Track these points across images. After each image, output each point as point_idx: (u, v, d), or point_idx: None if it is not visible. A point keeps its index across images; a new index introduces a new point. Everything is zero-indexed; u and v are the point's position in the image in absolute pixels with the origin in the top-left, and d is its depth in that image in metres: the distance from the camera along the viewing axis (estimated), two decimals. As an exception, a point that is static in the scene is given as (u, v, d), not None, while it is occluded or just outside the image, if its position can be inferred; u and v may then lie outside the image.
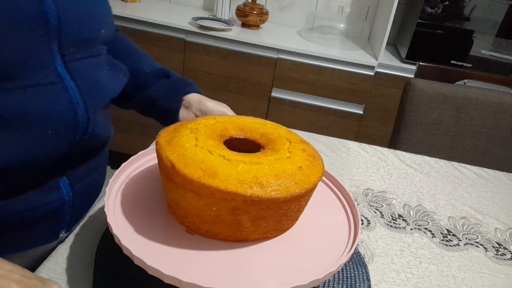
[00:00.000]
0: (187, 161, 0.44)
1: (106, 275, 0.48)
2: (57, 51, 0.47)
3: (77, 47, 0.50)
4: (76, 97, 0.49)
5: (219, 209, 0.44)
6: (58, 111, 0.47)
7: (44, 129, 0.46)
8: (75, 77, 0.49)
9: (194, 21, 1.81)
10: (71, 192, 0.55)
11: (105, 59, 0.58)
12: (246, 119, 0.56)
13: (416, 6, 1.78)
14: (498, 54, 1.78)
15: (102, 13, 0.55)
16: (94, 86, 0.53)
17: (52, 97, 0.47)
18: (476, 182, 0.87)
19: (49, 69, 0.47)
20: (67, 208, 0.56)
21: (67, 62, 0.49)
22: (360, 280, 0.54)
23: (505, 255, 0.66)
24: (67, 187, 0.54)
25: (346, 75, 1.76)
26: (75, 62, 0.50)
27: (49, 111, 0.46)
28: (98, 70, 0.55)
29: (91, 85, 0.52)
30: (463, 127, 1.17)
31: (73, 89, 0.49)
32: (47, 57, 0.46)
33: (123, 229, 0.46)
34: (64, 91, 0.48)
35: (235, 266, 0.44)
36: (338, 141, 0.94)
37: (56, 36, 0.46)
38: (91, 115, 0.51)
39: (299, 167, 0.46)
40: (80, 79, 0.50)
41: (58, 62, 0.47)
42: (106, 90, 0.56)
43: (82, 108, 0.50)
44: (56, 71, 0.47)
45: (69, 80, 0.49)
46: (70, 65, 0.49)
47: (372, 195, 0.76)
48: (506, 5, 1.69)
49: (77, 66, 0.50)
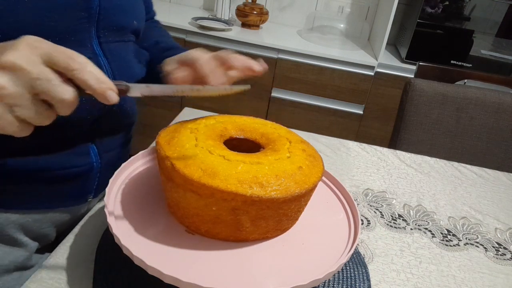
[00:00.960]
0: (187, 161, 0.44)
1: (106, 275, 0.48)
2: (95, 33, 0.55)
3: (111, 32, 0.58)
4: (108, 72, 0.57)
5: (219, 209, 0.44)
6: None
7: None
8: (107, 56, 0.57)
9: (194, 21, 1.81)
10: (100, 159, 0.61)
11: (132, 46, 0.65)
12: (246, 119, 0.57)
13: (416, 6, 1.78)
14: (498, 54, 1.78)
15: (136, 7, 0.64)
16: (123, 65, 0.61)
17: None
18: (476, 182, 0.87)
19: (86, 47, 0.54)
20: (95, 174, 0.61)
21: (102, 43, 0.57)
22: (360, 280, 0.54)
23: (505, 255, 0.66)
24: (96, 155, 0.60)
25: (346, 75, 1.76)
26: (108, 44, 0.58)
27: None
28: (126, 54, 0.63)
29: (120, 64, 0.60)
30: (463, 127, 1.17)
31: (106, 65, 0.57)
32: (86, 36, 0.54)
33: (123, 229, 0.46)
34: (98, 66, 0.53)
35: (235, 266, 0.44)
36: (338, 141, 0.94)
37: (95, 21, 0.54)
38: None
39: (299, 167, 0.46)
40: (111, 58, 0.58)
41: (94, 42, 0.55)
42: (134, 71, 0.64)
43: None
44: (92, 48, 0.55)
45: (102, 58, 0.57)
46: (104, 45, 0.57)
47: (372, 195, 0.76)
48: (506, 5, 1.69)
49: (110, 47, 0.58)
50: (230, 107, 1.82)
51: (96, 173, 0.62)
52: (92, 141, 0.60)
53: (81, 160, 0.59)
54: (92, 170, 0.61)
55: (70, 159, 0.58)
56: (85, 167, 0.60)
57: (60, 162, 0.57)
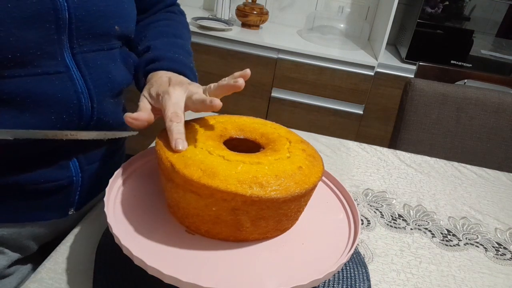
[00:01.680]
0: (187, 161, 0.44)
1: (106, 275, 0.48)
2: (67, 43, 0.50)
3: (87, 41, 0.53)
4: (81, 86, 0.53)
5: (219, 209, 0.44)
6: (62, 98, 0.51)
7: (49, 113, 0.50)
8: (81, 68, 0.53)
9: (194, 21, 1.81)
10: (80, 173, 0.58)
11: (118, 52, 0.60)
12: (246, 119, 0.56)
13: (416, 6, 1.78)
14: (498, 54, 1.78)
15: (119, 10, 0.57)
16: (102, 77, 0.56)
17: (58, 85, 0.50)
18: (476, 182, 0.87)
19: (57, 60, 0.50)
20: (76, 187, 0.59)
21: (75, 54, 0.52)
22: (360, 280, 0.54)
23: (505, 255, 0.66)
24: (77, 168, 0.58)
25: (346, 75, 1.76)
26: (84, 54, 0.53)
27: (54, 97, 0.50)
28: (107, 62, 0.57)
29: (99, 75, 0.55)
30: (463, 127, 1.17)
31: (79, 79, 0.52)
32: (56, 48, 0.50)
33: (123, 229, 0.46)
34: (70, 80, 0.51)
35: (235, 266, 0.44)
36: (338, 141, 0.94)
37: (66, 31, 0.50)
38: (96, 104, 0.55)
39: (299, 167, 0.46)
40: (87, 70, 0.53)
41: (66, 53, 0.51)
42: (115, 81, 0.59)
43: (86, 97, 0.53)
44: (64, 61, 0.51)
45: (75, 71, 0.52)
46: (78, 56, 0.52)
47: (372, 195, 0.76)
48: (506, 5, 1.69)
49: (86, 57, 0.53)
50: (230, 107, 1.82)
51: (77, 186, 0.59)
52: (73, 154, 0.57)
53: (60, 174, 0.56)
54: (72, 184, 0.58)
55: (49, 173, 0.55)
56: (64, 181, 0.57)
57: (38, 176, 0.54)
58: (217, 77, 1.81)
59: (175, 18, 0.73)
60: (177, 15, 0.74)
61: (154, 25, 0.69)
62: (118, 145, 0.67)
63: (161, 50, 0.62)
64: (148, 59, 0.61)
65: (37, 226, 0.59)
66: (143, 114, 0.49)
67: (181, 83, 0.52)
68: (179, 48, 0.65)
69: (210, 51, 1.79)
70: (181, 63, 0.61)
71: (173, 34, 0.68)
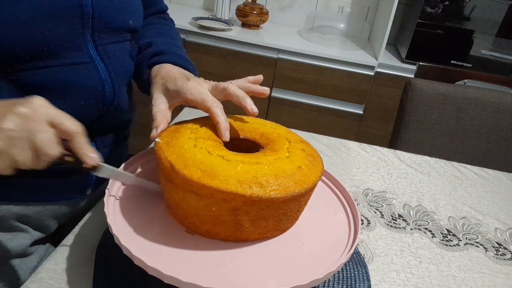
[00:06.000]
0: (187, 161, 0.44)
1: (106, 275, 0.48)
2: (90, 36, 0.55)
3: (106, 34, 0.58)
4: (105, 75, 0.58)
5: (219, 210, 0.44)
6: (90, 86, 0.56)
7: (78, 99, 0.55)
8: (104, 58, 0.58)
9: (194, 21, 1.81)
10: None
11: (129, 44, 0.66)
12: (245, 119, 0.57)
13: (416, 6, 1.78)
14: (498, 54, 1.78)
15: (131, 6, 0.63)
16: (119, 66, 0.61)
17: (85, 74, 0.55)
18: (476, 182, 0.87)
19: (83, 51, 0.55)
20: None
21: (97, 45, 0.57)
22: (360, 280, 0.54)
23: (505, 255, 0.66)
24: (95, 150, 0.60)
25: (346, 75, 1.76)
26: (104, 46, 0.58)
27: (82, 85, 0.55)
28: (123, 53, 0.63)
29: (117, 65, 0.60)
30: (463, 127, 1.17)
31: (102, 68, 0.57)
32: (81, 41, 0.54)
33: (123, 229, 0.46)
34: (95, 70, 0.57)
35: (235, 266, 0.44)
36: (338, 141, 0.94)
37: (90, 25, 0.54)
38: (117, 90, 0.60)
39: (298, 167, 0.46)
40: (108, 60, 0.58)
41: (90, 45, 0.56)
42: (129, 70, 0.65)
43: (109, 84, 0.58)
44: (88, 53, 0.56)
45: (99, 61, 0.57)
46: (99, 48, 0.57)
47: (372, 195, 0.76)
48: (506, 5, 1.69)
49: (106, 49, 0.58)
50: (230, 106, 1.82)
51: None
52: (92, 139, 0.62)
53: None
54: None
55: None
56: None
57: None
58: (217, 77, 1.81)
59: (169, 24, 0.79)
60: (168, 21, 0.80)
61: (150, 26, 0.73)
62: (126, 133, 0.73)
63: (163, 46, 0.66)
64: (152, 53, 0.64)
65: (58, 205, 0.63)
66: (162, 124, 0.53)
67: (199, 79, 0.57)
68: (178, 47, 0.69)
69: (210, 51, 1.79)
70: (185, 59, 0.65)
71: (169, 35, 0.73)
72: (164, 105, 0.55)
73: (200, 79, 0.57)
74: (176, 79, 0.55)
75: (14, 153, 0.40)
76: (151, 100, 0.56)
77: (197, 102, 0.52)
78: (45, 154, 0.41)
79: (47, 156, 0.41)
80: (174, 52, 0.64)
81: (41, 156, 0.41)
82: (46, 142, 0.41)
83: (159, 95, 0.56)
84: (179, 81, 0.54)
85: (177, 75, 0.56)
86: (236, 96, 0.54)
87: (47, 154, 0.41)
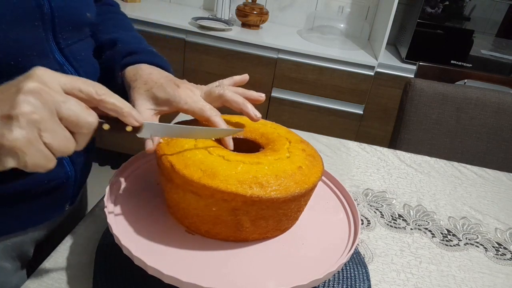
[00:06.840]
0: (187, 161, 0.44)
1: (106, 275, 0.48)
2: (52, 40, 0.50)
3: (69, 33, 0.53)
4: None
5: (219, 210, 0.44)
6: None
7: None
8: (72, 62, 0.53)
9: (194, 21, 1.81)
10: (73, 166, 0.59)
11: (91, 41, 0.61)
12: (246, 119, 0.57)
13: (416, 6, 1.78)
14: (498, 54, 1.78)
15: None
16: (90, 68, 0.58)
17: None
18: (476, 182, 0.87)
19: (49, 58, 0.50)
20: (71, 182, 0.59)
21: (62, 48, 0.52)
22: (360, 280, 0.54)
23: (505, 255, 0.66)
24: (69, 163, 0.58)
25: (346, 75, 1.76)
26: (69, 47, 0.53)
27: None
28: (88, 53, 0.59)
29: (87, 67, 0.57)
30: (463, 127, 1.17)
31: (73, 73, 0.54)
32: (46, 46, 0.50)
33: (123, 229, 0.46)
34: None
35: (235, 266, 0.44)
36: (338, 141, 0.94)
37: (51, 25, 0.50)
38: None
39: (298, 167, 0.46)
40: (76, 63, 0.54)
41: (55, 50, 0.51)
42: (95, 68, 0.60)
43: None
44: (55, 59, 0.51)
45: (68, 66, 0.53)
46: (65, 50, 0.53)
47: (372, 195, 0.76)
48: (506, 5, 1.69)
49: (71, 50, 0.54)
50: (230, 107, 1.82)
51: (72, 181, 0.59)
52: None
53: (56, 173, 0.56)
54: (68, 178, 0.58)
55: (45, 175, 0.54)
56: (61, 179, 0.57)
57: (36, 180, 0.53)
58: (217, 77, 1.81)
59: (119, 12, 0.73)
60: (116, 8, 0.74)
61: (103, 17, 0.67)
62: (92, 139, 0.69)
63: (132, 43, 0.61)
64: (124, 52, 0.58)
65: (38, 229, 0.59)
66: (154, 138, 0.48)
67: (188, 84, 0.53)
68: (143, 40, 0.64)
69: (210, 51, 1.79)
70: (158, 56, 0.60)
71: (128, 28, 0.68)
72: (149, 112, 0.50)
73: (188, 83, 0.53)
74: (164, 86, 0.50)
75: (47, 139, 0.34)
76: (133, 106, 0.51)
77: (194, 112, 0.49)
78: (83, 124, 0.35)
79: (86, 127, 0.35)
80: (145, 49, 0.59)
81: (79, 128, 0.35)
82: (76, 110, 0.35)
83: (142, 101, 0.50)
84: (168, 89, 0.50)
85: (162, 80, 0.52)
86: (235, 102, 0.52)
87: (86, 123, 0.35)
